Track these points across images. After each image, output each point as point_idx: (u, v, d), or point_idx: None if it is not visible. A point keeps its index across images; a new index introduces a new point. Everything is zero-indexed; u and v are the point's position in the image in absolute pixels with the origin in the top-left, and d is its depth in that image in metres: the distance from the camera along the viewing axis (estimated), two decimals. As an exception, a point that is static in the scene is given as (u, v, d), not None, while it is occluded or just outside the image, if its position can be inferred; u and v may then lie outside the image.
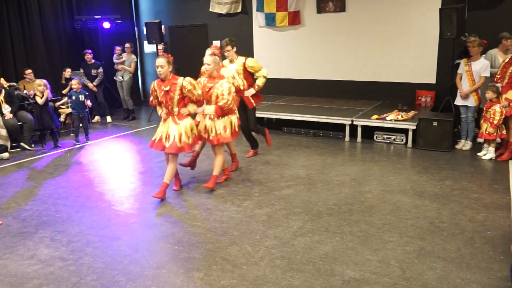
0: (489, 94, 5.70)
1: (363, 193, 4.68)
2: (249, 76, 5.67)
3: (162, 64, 4.36)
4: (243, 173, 5.47)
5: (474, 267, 3.16)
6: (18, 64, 8.57)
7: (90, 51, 9.02)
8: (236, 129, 5.01)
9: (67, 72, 8.54)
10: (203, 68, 4.83)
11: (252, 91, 5.61)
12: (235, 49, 5.61)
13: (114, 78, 9.41)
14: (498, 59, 6.26)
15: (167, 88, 4.41)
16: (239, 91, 5.26)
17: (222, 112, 4.75)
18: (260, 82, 5.68)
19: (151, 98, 4.66)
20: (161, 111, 4.65)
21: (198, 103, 4.65)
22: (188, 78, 4.47)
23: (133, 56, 9.41)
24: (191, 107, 4.60)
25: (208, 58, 4.73)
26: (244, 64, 5.62)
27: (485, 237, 3.62)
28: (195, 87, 4.47)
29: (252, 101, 5.71)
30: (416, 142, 6.43)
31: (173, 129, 4.50)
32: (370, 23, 8.29)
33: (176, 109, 4.49)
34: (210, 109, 4.74)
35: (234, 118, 5.00)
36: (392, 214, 4.12)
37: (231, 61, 5.66)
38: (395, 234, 3.72)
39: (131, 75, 9.33)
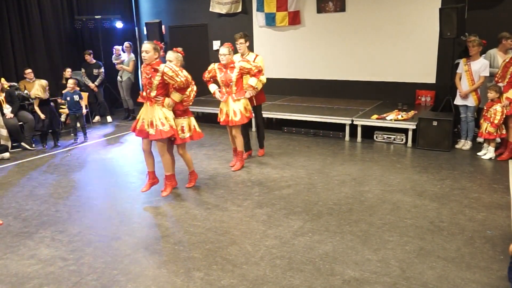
0: (492, 94, 5.70)
1: (363, 193, 4.68)
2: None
3: (148, 49, 4.30)
4: (243, 173, 5.47)
5: (474, 267, 3.17)
6: (18, 64, 8.57)
7: (91, 51, 9.03)
8: (197, 129, 4.86)
9: (68, 72, 8.54)
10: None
11: (249, 94, 5.56)
12: (247, 43, 5.71)
13: (118, 77, 9.42)
14: (498, 59, 6.26)
15: (149, 76, 4.36)
16: (256, 74, 5.40)
17: (182, 108, 4.64)
18: (258, 85, 5.66)
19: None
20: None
21: (182, 91, 4.50)
22: (170, 64, 4.40)
23: (132, 55, 9.40)
24: (175, 96, 4.48)
25: (171, 54, 4.69)
26: (254, 60, 5.66)
27: (485, 236, 3.63)
28: (177, 74, 4.34)
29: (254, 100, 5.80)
30: (416, 142, 6.43)
31: (153, 114, 4.43)
32: (370, 23, 8.29)
33: (153, 93, 4.40)
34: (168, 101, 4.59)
35: (193, 120, 4.85)
36: (392, 214, 4.12)
37: (242, 55, 5.70)
38: (395, 233, 3.72)
39: (130, 75, 9.31)
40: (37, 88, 7.00)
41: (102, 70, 9.10)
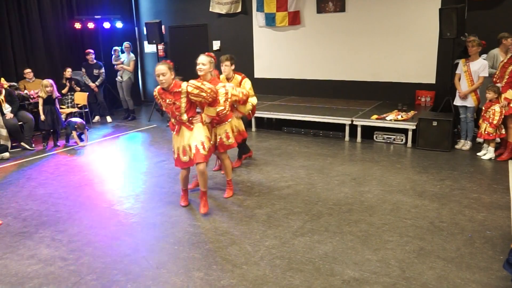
0: (490, 95, 5.70)
1: (363, 193, 4.68)
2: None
3: (164, 72, 3.82)
4: (243, 173, 5.47)
5: (473, 267, 3.17)
6: (18, 64, 8.57)
7: (92, 51, 9.03)
8: (241, 129, 4.74)
9: (68, 72, 8.55)
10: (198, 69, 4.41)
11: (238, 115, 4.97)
12: (233, 67, 5.15)
13: (116, 79, 9.43)
14: (501, 59, 6.25)
15: (171, 101, 3.96)
16: (244, 102, 4.91)
17: (219, 118, 4.41)
18: (246, 108, 5.12)
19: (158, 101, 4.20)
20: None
21: (214, 103, 4.15)
22: (191, 82, 3.98)
23: (132, 55, 9.41)
24: (210, 111, 4.15)
25: (204, 58, 4.34)
26: (240, 82, 5.14)
27: (484, 237, 3.63)
28: (202, 89, 3.94)
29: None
30: (416, 142, 6.43)
31: (192, 138, 4.05)
32: (370, 23, 8.30)
33: (185, 117, 4.00)
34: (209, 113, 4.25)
35: (235, 120, 4.69)
36: (392, 214, 4.12)
37: (227, 79, 5.14)
38: (395, 234, 3.72)
39: (130, 75, 9.32)
40: (40, 88, 7.04)
41: (103, 70, 9.10)
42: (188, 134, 4.06)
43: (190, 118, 4.04)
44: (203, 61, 4.32)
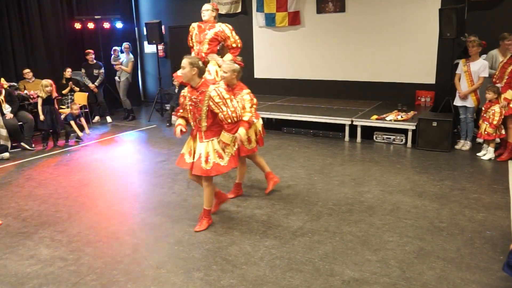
0: (490, 95, 5.70)
1: (363, 193, 4.68)
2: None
3: (183, 65, 3.58)
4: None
5: (473, 267, 3.17)
6: (18, 64, 8.57)
7: (92, 51, 9.02)
8: (261, 133, 4.50)
9: (68, 72, 8.55)
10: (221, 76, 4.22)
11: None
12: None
13: (115, 78, 9.43)
14: (499, 59, 6.25)
15: (197, 99, 3.60)
16: (233, 50, 5.12)
17: (249, 126, 4.00)
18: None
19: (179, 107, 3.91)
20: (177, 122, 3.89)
21: (232, 129, 3.68)
22: (220, 89, 3.63)
23: (131, 56, 9.41)
24: (226, 138, 3.68)
25: (225, 66, 4.15)
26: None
27: (484, 237, 3.63)
28: (226, 102, 3.56)
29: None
30: (416, 142, 6.43)
31: (200, 147, 3.72)
32: (370, 23, 8.30)
33: (204, 124, 3.65)
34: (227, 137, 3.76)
35: (259, 122, 4.48)
36: (391, 214, 4.12)
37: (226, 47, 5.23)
38: (395, 234, 3.72)
39: (128, 76, 9.31)
40: (39, 88, 7.06)
41: (102, 70, 9.10)
42: (199, 143, 3.76)
43: (209, 131, 3.69)
44: (224, 69, 4.15)
